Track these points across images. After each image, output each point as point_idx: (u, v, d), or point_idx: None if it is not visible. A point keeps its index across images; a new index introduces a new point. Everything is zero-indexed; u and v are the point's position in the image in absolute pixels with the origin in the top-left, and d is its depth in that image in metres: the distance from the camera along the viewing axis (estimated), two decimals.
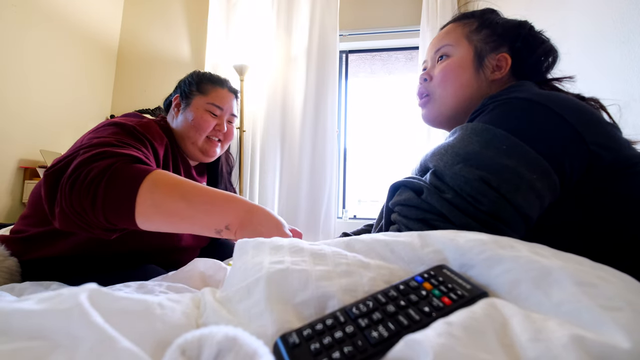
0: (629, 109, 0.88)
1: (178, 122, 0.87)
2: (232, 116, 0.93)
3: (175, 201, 0.53)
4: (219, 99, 0.89)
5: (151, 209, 0.52)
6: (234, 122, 0.95)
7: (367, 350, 0.22)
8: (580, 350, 0.19)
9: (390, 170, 2.46)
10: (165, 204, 0.53)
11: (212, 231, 0.55)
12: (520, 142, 0.42)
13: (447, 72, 0.59)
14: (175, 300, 0.31)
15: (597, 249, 0.42)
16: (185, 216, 0.53)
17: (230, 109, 0.92)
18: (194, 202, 0.54)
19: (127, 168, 0.54)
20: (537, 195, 0.41)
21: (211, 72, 0.96)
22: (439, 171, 0.45)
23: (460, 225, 0.40)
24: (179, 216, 0.53)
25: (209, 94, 0.88)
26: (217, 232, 0.55)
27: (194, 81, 0.90)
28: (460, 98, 0.59)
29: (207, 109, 0.87)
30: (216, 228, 0.55)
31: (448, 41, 0.61)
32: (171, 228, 0.56)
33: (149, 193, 0.52)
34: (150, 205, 0.52)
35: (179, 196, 0.53)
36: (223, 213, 0.55)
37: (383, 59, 2.52)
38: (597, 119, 0.46)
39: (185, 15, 2.54)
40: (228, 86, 0.94)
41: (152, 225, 0.54)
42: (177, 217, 0.53)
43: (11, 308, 0.24)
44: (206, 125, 0.86)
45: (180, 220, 0.54)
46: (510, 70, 0.58)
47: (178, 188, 0.54)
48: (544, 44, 0.59)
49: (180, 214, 0.53)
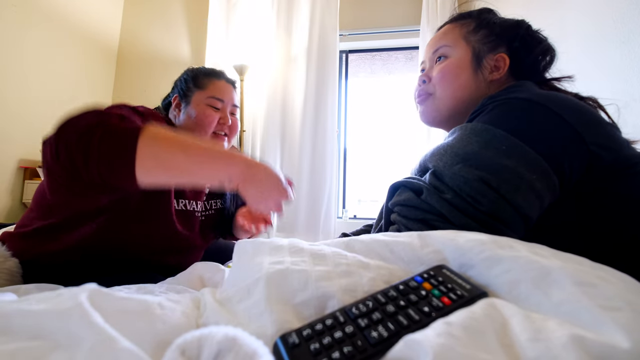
0: (629, 109, 0.88)
1: (181, 121, 0.86)
2: (234, 107, 0.91)
3: (176, 154, 0.53)
4: (218, 91, 0.87)
5: (152, 162, 0.51)
6: (237, 113, 0.93)
7: (367, 350, 0.22)
8: (580, 350, 0.19)
9: (390, 170, 2.46)
10: (166, 156, 0.52)
11: (215, 182, 0.56)
12: (520, 142, 0.42)
13: (446, 73, 0.59)
14: (175, 300, 0.32)
15: (597, 249, 0.42)
16: (186, 169, 0.53)
17: (231, 100, 0.90)
18: (195, 155, 0.54)
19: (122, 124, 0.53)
20: (536, 196, 0.41)
21: (205, 66, 0.93)
22: (438, 171, 0.45)
23: (460, 226, 0.40)
24: (180, 169, 0.53)
25: (207, 87, 0.87)
26: (220, 183, 0.56)
27: (189, 78, 0.89)
28: (459, 99, 0.59)
29: (208, 104, 0.85)
30: (220, 180, 0.55)
31: (446, 42, 0.61)
32: (171, 181, 0.56)
33: (148, 146, 0.51)
34: (151, 157, 0.51)
35: (180, 149, 0.53)
36: (225, 166, 0.55)
37: (383, 58, 2.52)
38: (596, 119, 0.46)
39: (185, 15, 2.54)
40: (225, 77, 0.92)
41: (152, 179, 0.53)
42: (178, 170, 0.53)
43: (11, 308, 0.24)
44: (210, 120, 0.84)
45: (181, 173, 0.54)
46: (508, 70, 0.58)
47: (177, 141, 0.53)
48: (542, 43, 0.59)
49: (182, 166, 0.53)
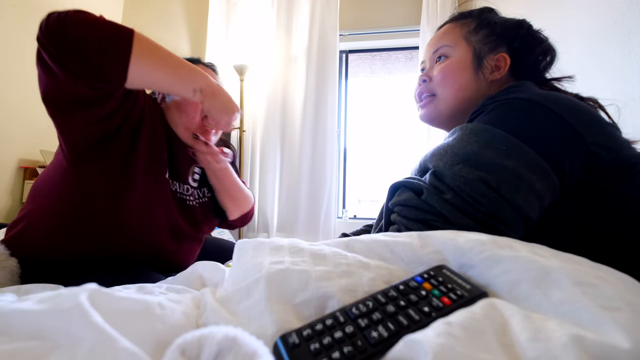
0: (629, 109, 0.88)
1: (166, 104, 0.83)
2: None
3: (163, 51, 0.61)
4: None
5: (147, 51, 0.58)
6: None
7: (367, 350, 0.22)
8: (580, 350, 0.19)
9: (390, 170, 2.46)
10: (157, 49, 0.60)
11: (189, 90, 0.64)
12: (520, 142, 0.42)
13: (447, 73, 0.59)
14: (175, 300, 0.32)
15: (597, 248, 0.42)
16: (170, 66, 0.62)
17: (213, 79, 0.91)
18: (176, 59, 0.63)
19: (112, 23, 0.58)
20: (536, 196, 0.41)
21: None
22: (438, 171, 0.45)
23: (460, 226, 0.40)
24: (168, 64, 0.61)
25: None
26: (193, 92, 0.64)
27: None
28: (460, 99, 0.59)
29: None
30: (192, 87, 0.64)
31: (446, 42, 0.61)
32: (159, 78, 0.62)
33: (142, 39, 0.58)
34: (146, 46, 0.58)
35: (165, 51, 0.62)
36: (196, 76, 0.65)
37: (383, 58, 2.52)
38: (596, 119, 0.46)
39: (185, 15, 2.54)
40: (202, 62, 0.92)
41: (143, 69, 0.59)
42: (166, 64, 0.61)
43: (11, 308, 0.24)
44: (194, 106, 0.80)
45: (168, 68, 0.61)
46: (508, 70, 0.58)
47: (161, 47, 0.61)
48: (543, 43, 0.59)
49: (167, 62, 0.61)
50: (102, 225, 0.67)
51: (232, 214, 0.92)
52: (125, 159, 0.68)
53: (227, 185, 0.88)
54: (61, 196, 0.67)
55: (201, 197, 0.89)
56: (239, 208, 0.93)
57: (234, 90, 2.33)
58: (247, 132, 2.25)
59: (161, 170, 0.75)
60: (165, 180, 0.76)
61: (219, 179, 0.86)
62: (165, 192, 0.76)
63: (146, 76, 0.60)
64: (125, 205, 0.68)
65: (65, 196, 0.66)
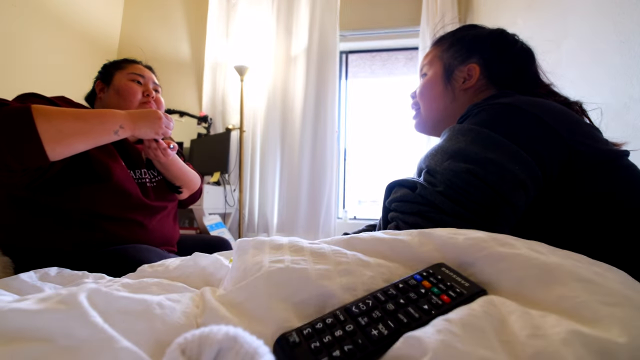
0: (629, 109, 0.88)
1: (105, 101, 0.90)
2: (156, 85, 0.96)
3: (72, 122, 0.61)
4: (138, 70, 0.94)
5: (56, 135, 0.58)
6: (160, 92, 0.98)
7: (368, 348, 0.22)
8: (579, 345, 0.19)
9: (390, 171, 2.46)
10: (65, 126, 0.60)
11: (111, 134, 0.66)
12: (503, 138, 0.45)
13: (422, 89, 0.70)
14: (175, 299, 0.32)
15: (585, 243, 0.43)
16: (87, 131, 0.63)
17: (151, 77, 0.95)
18: (85, 118, 0.63)
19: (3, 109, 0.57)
20: (521, 185, 0.44)
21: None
22: (431, 169, 0.49)
23: (452, 215, 0.43)
24: (81, 133, 0.62)
25: (127, 68, 0.93)
26: (116, 133, 0.67)
27: (109, 65, 0.95)
28: (435, 109, 0.68)
29: (130, 79, 0.90)
30: (114, 130, 0.67)
31: (426, 61, 0.71)
32: (78, 147, 0.63)
33: (46, 122, 0.57)
34: (54, 131, 0.58)
35: (72, 117, 0.61)
36: (113, 118, 0.67)
37: (383, 59, 2.52)
38: (574, 119, 0.49)
39: (185, 15, 2.54)
40: (141, 63, 0.98)
41: (61, 150, 0.60)
42: (80, 134, 0.62)
43: (10, 308, 0.24)
44: (134, 91, 0.89)
45: (83, 136, 0.62)
46: (484, 76, 0.62)
47: (65, 112, 0.61)
48: (514, 46, 0.63)
49: (82, 131, 0.62)
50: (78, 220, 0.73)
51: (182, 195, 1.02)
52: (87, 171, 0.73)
53: (175, 172, 0.95)
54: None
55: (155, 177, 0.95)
56: (187, 189, 1.02)
57: (234, 90, 2.33)
58: (247, 132, 2.25)
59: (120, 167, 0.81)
60: (128, 176, 0.82)
61: (167, 168, 0.93)
62: (130, 185, 0.81)
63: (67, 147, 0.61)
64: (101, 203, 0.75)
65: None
